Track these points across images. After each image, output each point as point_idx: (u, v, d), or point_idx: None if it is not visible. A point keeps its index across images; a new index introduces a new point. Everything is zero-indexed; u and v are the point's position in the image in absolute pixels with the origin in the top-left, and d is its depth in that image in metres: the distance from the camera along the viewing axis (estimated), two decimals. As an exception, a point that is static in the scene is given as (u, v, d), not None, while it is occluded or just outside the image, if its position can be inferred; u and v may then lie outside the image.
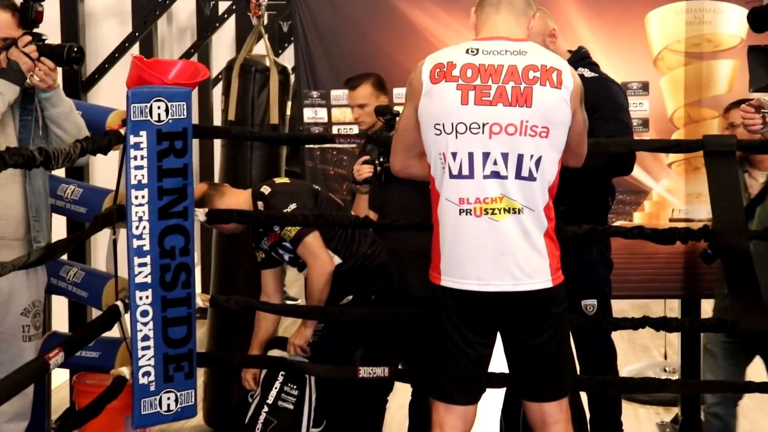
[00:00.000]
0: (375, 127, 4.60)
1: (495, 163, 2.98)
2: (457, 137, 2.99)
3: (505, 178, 2.98)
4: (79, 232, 3.53)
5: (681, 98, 5.10)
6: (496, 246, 2.99)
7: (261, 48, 5.48)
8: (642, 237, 3.59)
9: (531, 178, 2.99)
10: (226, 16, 6.72)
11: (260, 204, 4.07)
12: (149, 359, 3.62)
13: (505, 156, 2.98)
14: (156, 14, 5.42)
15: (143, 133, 3.54)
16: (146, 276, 3.59)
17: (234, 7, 6.76)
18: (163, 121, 3.57)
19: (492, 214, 2.98)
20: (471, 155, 2.98)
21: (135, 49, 6.03)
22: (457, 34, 5.17)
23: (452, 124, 2.99)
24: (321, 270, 3.99)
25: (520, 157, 2.98)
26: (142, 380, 3.61)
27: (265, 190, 4.08)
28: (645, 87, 5.12)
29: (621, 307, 7.24)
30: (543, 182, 3.02)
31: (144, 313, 3.60)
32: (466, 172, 2.99)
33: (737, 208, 3.49)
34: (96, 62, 5.66)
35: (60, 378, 5.20)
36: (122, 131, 3.54)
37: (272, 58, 5.26)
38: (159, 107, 3.56)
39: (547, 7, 5.01)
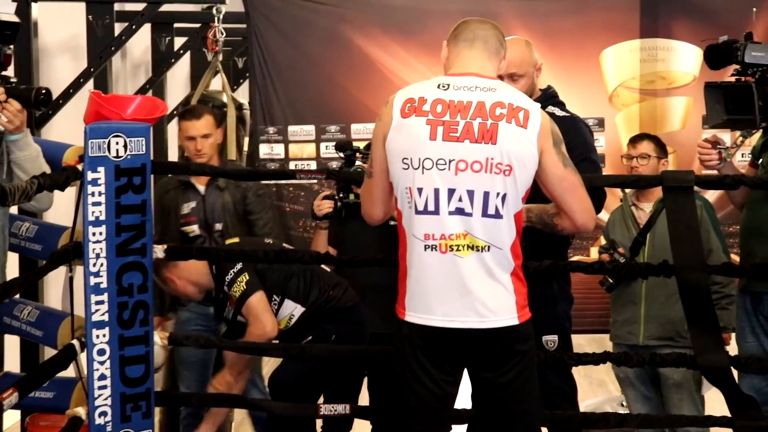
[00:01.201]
0: (212, 160, 4.52)
1: (460, 199, 2.96)
2: (423, 173, 2.97)
3: (470, 215, 2.96)
4: (34, 270, 3.48)
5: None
6: (460, 283, 2.96)
7: (217, 84, 5.47)
8: (603, 272, 3.60)
9: (497, 215, 2.97)
10: (181, 51, 6.67)
11: (214, 267, 4.01)
12: (106, 399, 3.54)
13: (470, 193, 2.96)
14: (111, 50, 5.38)
15: (101, 169, 3.49)
16: (103, 314, 3.52)
17: (189, 43, 6.73)
18: (121, 156, 3.52)
19: (456, 250, 2.96)
20: (437, 191, 2.96)
21: (90, 85, 5.98)
22: (413, 70, 5.22)
23: (419, 159, 2.97)
24: (260, 333, 3.92)
25: (486, 195, 2.96)
26: (99, 420, 3.53)
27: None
28: (601, 123, 5.19)
29: (578, 342, 7.22)
30: (509, 220, 3.00)
31: (101, 352, 3.53)
32: (431, 207, 2.97)
33: (696, 244, 3.50)
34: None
35: (11, 420, 5.08)
36: (80, 167, 3.49)
37: (229, 93, 5.25)
38: (117, 143, 3.51)
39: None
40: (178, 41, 6.80)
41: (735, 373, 3.65)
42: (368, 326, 4.17)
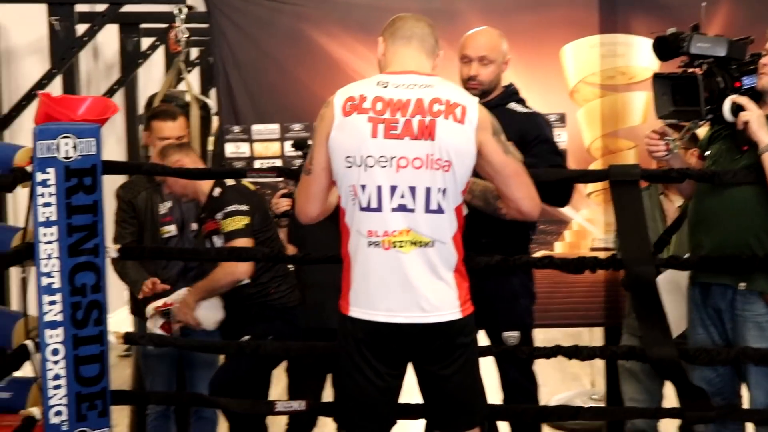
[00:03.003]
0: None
1: (402, 196, 3.00)
2: (366, 170, 3.00)
3: (412, 211, 3.00)
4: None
5: (598, 129, 5.20)
6: (403, 278, 3.01)
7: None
8: (552, 267, 3.63)
9: (440, 210, 3.02)
10: (149, 51, 6.69)
11: (217, 190, 4.15)
12: (61, 398, 3.57)
13: (412, 189, 3.00)
14: (73, 50, 5.38)
15: (50, 170, 3.51)
16: (56, 314, 3.55)
17: (157, 42, 6.74)
18: (71, 157, 3.54)
19: (399, 246, 3.00)
20: (379, 188, 3.00)
21: (56, 86, 5.99)
22: (376, 67, 5.21)
23: (362, 156, 3.01)
24: (232, 270, 4.05)
25: (428, 191, 3.00)
26: (54, 419, 3.56)
27: (230, 182, 4.18)
28: (562, 119, 5.20)
29: (553, 336, 7.27)
30: (451, 214, 3.04)
31: (55, 352, 3.55)
32: (374, 205, 3.01)
33: (643, 237, 3.53)
34: (15, 100, 5.62)
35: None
36: (29, 168, 3.51)
37: (192, 93, 5.25)
38: (67, 144, 3.53)
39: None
40: (146, 41, 6.81)
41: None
42: (300, 332, 4.24)
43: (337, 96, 3.09)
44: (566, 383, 6.72)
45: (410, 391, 3.27)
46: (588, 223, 5.18)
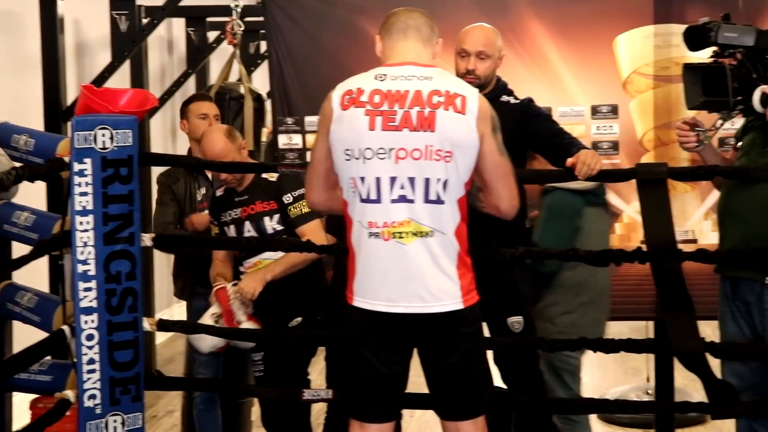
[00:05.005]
0: None
1: (402, 187, 3.02)
2: (364, 162, 3.04)
3: (412, 201, 3.02)
4: (18, 258, 3.61)
5: (650, 121, 5.12)
6: (404, 269, 3.03)
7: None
8: (576, 259, 3.60)
9: (439, 201, 3.03)
10: (215, 44, 6.80)
11: (270, 175, 4.17)
12: (95, 382, 3.68)
13: (412, 180, 3.02)
14: (134, 44, 5.53)
15: (87, 160, 3.62)
16: (91, 300, 3.66)
17: (223, 36, 6.85)
18: (107, 148, 3.64)
19: (399, 237, 3.02)
20: (378, 180, 3.03)
21: (125, 79, 6.16)
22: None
23: (360, 149, 3.04)
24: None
25: (427, 181, 3.02)
26: (88, 403, 3.66)
27: (283, 171, 4.20)
28: (614, 110, 5.14)
29: (620, 330, 7.21)
30: (452, 205, 3.05)
31: (89, 337, 3.66)
32: (374, 196, 3.04)
33: (669, 232, 3.51)
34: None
35: (22, 403, 5.26)
36: (66, 159, 3.62)
37: (247, 85, 5.35)
38: (104, 135, 3.63)
39: (517, 32, 5.11)
40: (215, 35, 6.93)
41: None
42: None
43: (336, 90, 3.14)
44: (627, 377, 6.65)
45: (417, 383, 3.30)
46: (639, 216, 5.10)
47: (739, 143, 3.71)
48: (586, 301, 4.17)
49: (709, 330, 3.78)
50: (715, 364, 3.66)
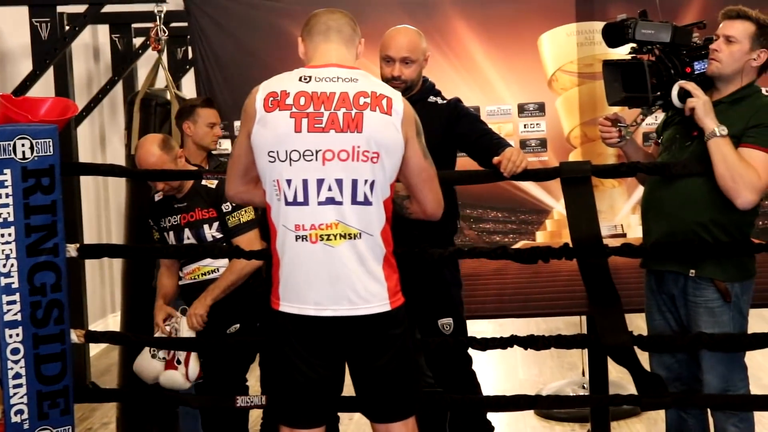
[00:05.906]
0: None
1: (330, 189, 3.01)
2: (291, 164, 3.02)
3: (341, 203, 3.01)
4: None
5: (576, 118, 5.17)
6: (332, 272, 3.02)
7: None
8: (505, 257, 3.63)
9: (367, 202, 3.03)
10: (141, 51, 6.73)
11: (210, 182, 4.22)
12: (21, 397, 3.63)
13: (339, 182, 3.01)
14: (56, 52, 5.43)
15: (7, 171, 3.57)
16: (16, 314, 3.62)
17: (148, 42, 6.78)
18: (28, 158, 3.59)
19: (327, 240, 3.01)
20: (305, 182, 3.01)
21: (49, 88, 6.07)
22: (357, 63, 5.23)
23: (286, 151, 3.03)
24: (244, 264, 4.11)
25: (355, 182, 3.01)
26: (15, 418, 3.62)
27: (222, 178, 4.15)
28: (541, 108, 5.18)
29: (556, 326, 7.29)
30: (379, 206, 3.05)
31: (15, 351, 3.62)
32: (301, 198, 3.02)
33: (594, 229, 3.56)
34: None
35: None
36: (-14, 170, 3.56)
37: (173, 91, 5.30)
38: (23, 145, 3.58)
39: (443, 33, 5.13)
40: (140, 41, 6.85)
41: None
42: None
43: (259, 90, 3.11)
44: (563, 372, 6.71)
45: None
46: (568, 212, 5.16)
47: (660, 138, 3.76)
48: None
49: (642, 322, 3.84)
50: (644, 357, 3.72)
